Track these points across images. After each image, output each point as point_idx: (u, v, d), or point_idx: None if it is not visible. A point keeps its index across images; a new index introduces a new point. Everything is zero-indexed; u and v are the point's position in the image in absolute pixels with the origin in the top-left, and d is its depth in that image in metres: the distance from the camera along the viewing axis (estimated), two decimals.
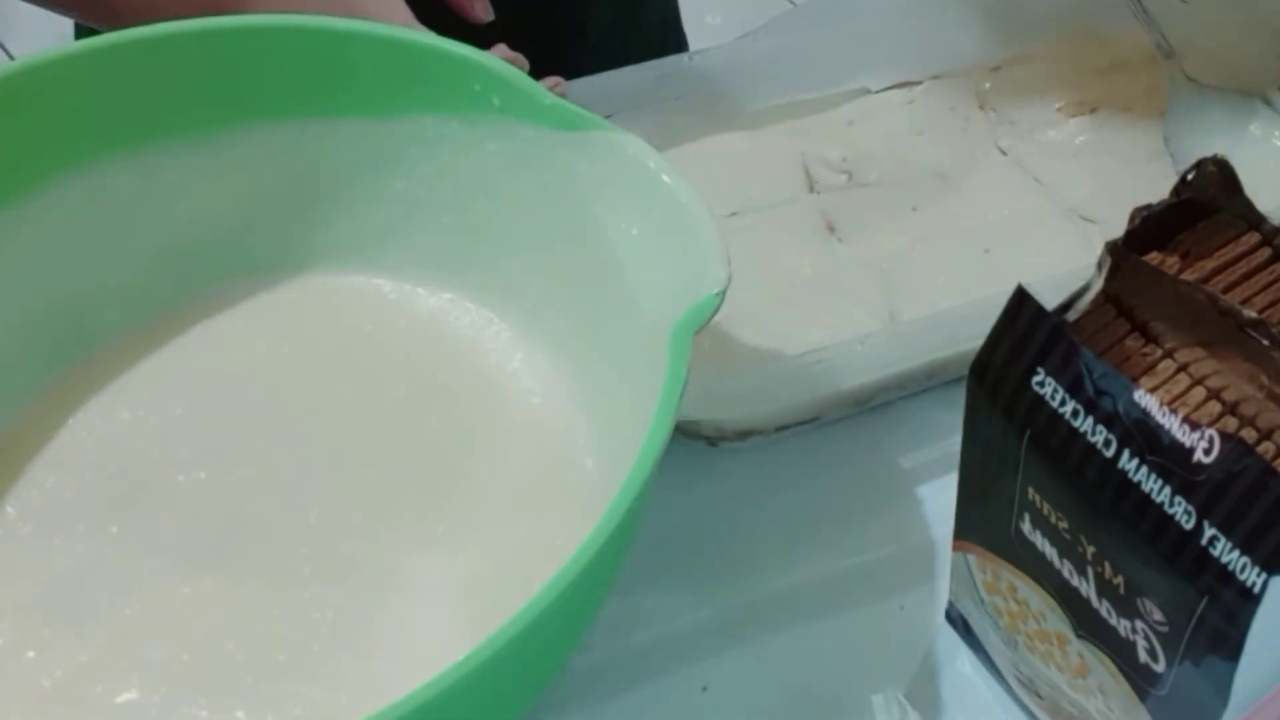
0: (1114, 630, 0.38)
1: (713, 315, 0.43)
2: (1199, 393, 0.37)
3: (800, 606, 0.50)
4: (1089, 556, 0.38)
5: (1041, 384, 0.37)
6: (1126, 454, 0.35)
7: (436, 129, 0.51)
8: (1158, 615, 0.36)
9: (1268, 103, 0.63)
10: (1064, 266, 0.58)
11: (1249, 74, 0.63)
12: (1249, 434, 0.36)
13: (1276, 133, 0.62)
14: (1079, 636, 0.40)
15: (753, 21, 0.68)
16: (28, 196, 0.50)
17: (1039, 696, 0.45)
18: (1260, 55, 0.62)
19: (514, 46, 0.52)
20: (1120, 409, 0.35)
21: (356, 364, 0.53)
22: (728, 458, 0.55)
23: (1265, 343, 0.37)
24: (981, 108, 0.66)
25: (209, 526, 0.48)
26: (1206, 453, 0.33)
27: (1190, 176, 0.41)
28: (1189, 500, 0.34)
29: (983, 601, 0.44)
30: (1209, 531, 0.33)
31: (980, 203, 0.61)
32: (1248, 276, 0.40)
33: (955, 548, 0.45)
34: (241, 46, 0.51)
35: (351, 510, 0.49)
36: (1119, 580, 0.37)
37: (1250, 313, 0.37)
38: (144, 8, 0.53)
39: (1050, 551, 0.39)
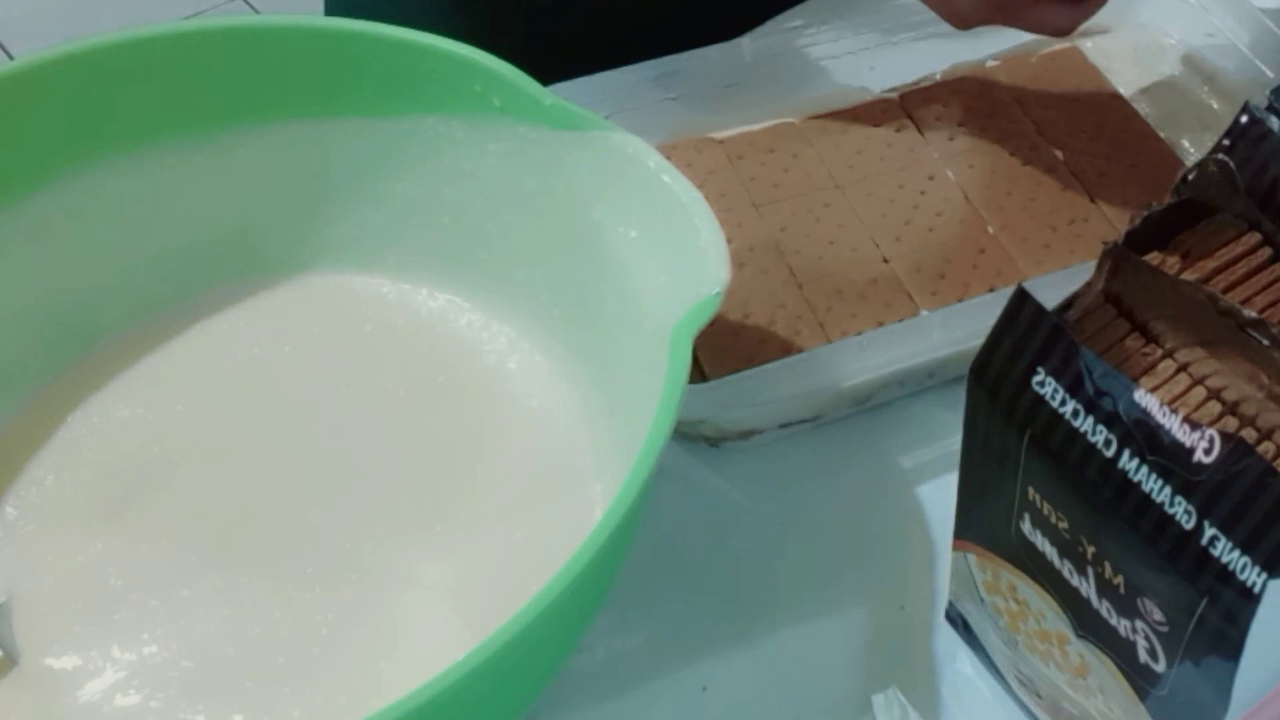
0: (1114, 630, 0.38)
1: (713, 315, 0.43)
2: (1199, 393, 0.37)
3: (800, 606, 0.50)
4: (1089, 556, 0.38)
5: (1041, 384, 0.37)
6: (1126, 454, 0.35)
7: (437, 129, 0.51)
8: (1158, 615, 0.36)
9: None
10: (1063, 267, 0.58)
11: None
12: (1249, 434, 0.36)
13: None
14: (1079, 636, 0.40)
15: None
16: (28, 196, 0.50)
17: (1039, 696, 0.45)
18: None
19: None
20: (1120, 409, 0.35)
21: (356, 364, 0.53)
22: (729, 457, 0.55)
23: (1265, 343, 0.37)
24: None
25: (208, 527, 0.48)
26: (1207, 453, 0.33)
27: (1190, 176, 0.41)
28: (1189, 500, 0.34)
29: (983, 601, 0.44)
30: (1209, 531, 0.33)
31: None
32: (1248, 276, 0.40)
33: (955, 548, 0.45)
34: (242, 47, 0.51)
35: (351, 511, 0.49)
36: (1119, 580, 0.37)
37: (1250, 313, 0.37)
38: None
39: (1050, 551, 0.39)
